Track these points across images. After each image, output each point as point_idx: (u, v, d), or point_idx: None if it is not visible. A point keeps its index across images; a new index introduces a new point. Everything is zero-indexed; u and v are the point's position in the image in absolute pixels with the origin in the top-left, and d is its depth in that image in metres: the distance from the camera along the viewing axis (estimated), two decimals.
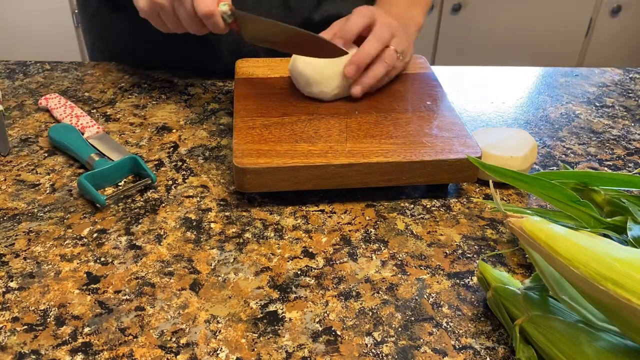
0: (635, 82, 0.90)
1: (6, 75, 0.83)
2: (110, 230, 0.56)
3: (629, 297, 0.34)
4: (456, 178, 0.59)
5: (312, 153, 0.58)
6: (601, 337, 0.40)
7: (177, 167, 0.65)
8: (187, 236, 0.55)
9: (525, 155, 0.62)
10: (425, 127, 0.63)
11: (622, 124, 0.78)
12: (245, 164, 0.56)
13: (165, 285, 0.50)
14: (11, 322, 0.46)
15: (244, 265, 0.52)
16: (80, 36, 1.96)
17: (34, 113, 0.74)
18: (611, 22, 2.02)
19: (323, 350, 0.45)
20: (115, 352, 0.44)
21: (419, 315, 0.48)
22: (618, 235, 0.49)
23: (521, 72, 0.92)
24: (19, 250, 0.53)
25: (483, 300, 0.50)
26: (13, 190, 0.61)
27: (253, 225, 0.57)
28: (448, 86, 0.85)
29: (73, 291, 0.49)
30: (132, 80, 0.83)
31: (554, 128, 0.76)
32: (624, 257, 0.36)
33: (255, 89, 0.69)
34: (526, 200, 0.62)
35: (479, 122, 0.76)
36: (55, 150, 0.67)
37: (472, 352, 0.45)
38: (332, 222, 0.58)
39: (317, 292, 0.50)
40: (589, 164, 0.69)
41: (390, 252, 0.54)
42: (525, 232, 0.41)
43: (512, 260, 0.54)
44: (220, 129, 0.72)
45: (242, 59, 0.76)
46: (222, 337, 0.45)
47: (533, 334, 0.42)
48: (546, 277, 0.43)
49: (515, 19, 2.00)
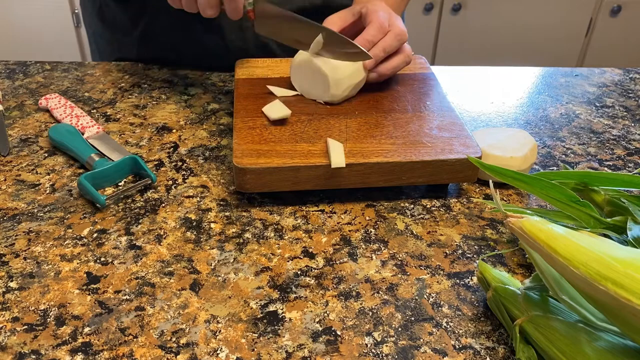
0: (635, 82, 0.90)
1: (6, 75, 0.83)
2: (110, 230, 0.56)
3: (629, 297, 0.34)
4: (456, 178, 0.59)
5: (312, 153, 0.58)
6: (601, 337, 0.40)
7: (177, 167, 0.65)
8: (187, 236, 0.55)
9: (525, 155, 0.62)
10: (425, 127, 0.63)
11: (622, 124, 0.78)
12: (245, 164, 0.56)
13: (165, 285, 0.50)
14: (11, 322, 0.46)
15: (244, 265, 0.52)
16: (80, 36, 1.96)
17: (34, 113, 0.74)
18: (611, 22, 2.02)
19: (323, 350, 0.45)
20: (115, 352, 0.44)
21: (419, 315, 0.48)
22: (618, 235, 0.49)
23: (521, 72, 0.92)
24: (19, 250, 0.53)
25: (483, 300, 0.50)
26: (13, 190, 0.61)
27: (253, 225, 0.57)
28: (448, 86, 0.85)
29: (73, 291, 0.49)
30: (132, 80, 0.83)
31: (554, 128, 0.76)
32: (624, 257, 0.36)
33: (255, 89, 0.69)
34: (526, 200, 0.62)
35: (479, 122, 0.76)
36: (55, 150, 0.67)
37: (472, 352, 0.45)
38: (332, 222, 0.58)
39: (317, 292, 0.50)
40: (589, 164, 0.69)
41: (390, 252, 0.54)
42: (525, 232, 0.41)
43: (512, 260, 0.54)
44: (220, 129, 0.72)
45: (242, 59, 0.76)
46: (222, 337, 0.45)
47: (533, 334, 0.42)
48: (546, 277, 0.43)
49: (515, 19, 2.00)
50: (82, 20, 0.97)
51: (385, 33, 0.67)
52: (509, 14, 1.99)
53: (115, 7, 0.86)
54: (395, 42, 0.67)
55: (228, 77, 0.84)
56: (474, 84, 0.87)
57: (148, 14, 0.83)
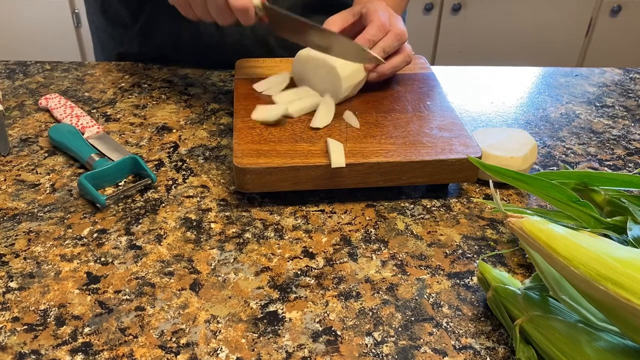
0: (635, 82, 0.90)
1: (6, 75, 0.83)
2: (110, 230, 0.56)
3: (629, 297, 0.34)
4: (456, 178, 0.59)
5: (312, 153, 0.58)
6: (601, 337, 0.40)
7: (177, 167, 0.65)
8: (187, 236, 0.55)
9: (525, 155, 0.62)
10: (425, 127, 0.63)
11: (622, 124, 0.78)
12: (245, 164, 0.56)
13: (165, 285, 0.50)
14: (11, 322, 0.46)
15: (244, 265, 0.52)
16: (80, 36, 1.96)
17: (34, 113, 0.74)
18: (611, 22, 2.02)
19: (323, 350, 0.45)
20: (115, 352, 0.44)
21: (419, 315, 0.48)
22: (618, 235, 0.49)
23: (521, 72, 0.92)
24: (19, 250, 0.53)
25: (483, 300, 0.50)
26: (13, 190, 0.61)
27: (253, 225, 0.57)
28: (448, 86, 0.85)
29: (73, 291, 0.49)
30: (132, 80, 0.83)
31: (554, 128, 0.76)
32: (624, 257, 0.36)
33: (255, 89, 0.69)
34: (526, 200, 0.62)
35: (479, 122, 0.76)
36: (55, 150, 0.67)
37: (472, 352, 0.45)
38: (332, 222, 0.58)
39: (317, 292, 0.50)
40: (589, 164, 0.69)
41: (390, 252, 0.54)
42: (525, 232, 0.41)
43: (512, 260, 0.54)
44: (220, 129, 0.72)
45: (242, 59, 0.76)
46: (222, 337, 0.45)
47: (533, 334, 0.42)
48: (546, 277, 0.43)
49: (515, 19, 2.00)
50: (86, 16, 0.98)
51: (385, 33, 0.67)
52: (509, 14, 1.99)
53: (116, 2, 0.87)
54: (395, 42, 0.67)
55: (228, 77, 0.84)
56: (474, 84, 0.87)
57: (148, 9, 0.84)
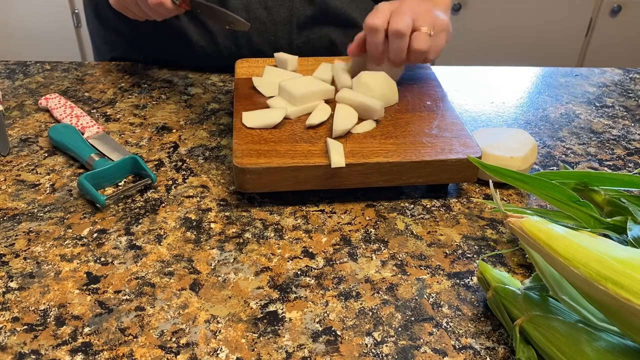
0: (635, 82, 0.90)
1: (6, 75, 0.83)
2: (110, 230, 0.56)
3: (629, 297, 0.34)
4: (456, 178, 0.59)
5: (312, 153, 0.58)
6: (601, 337, 0.40)
7: (177, 167, 0.65)
8: (187, 236, 0.55)
9: (525, 155, 0.62)
10: (425, 127, 0.63)
11: (622, 124, 0.78)
12: (245, 164, 0.56)
13: (165, 285, 0.50)
14: (11, 322, 0.46)
15: (244, 265, 0.52)
16: (80, 36, 1.96)
17: (34, 113, 0.74)
18: (611, 22, 2.02)
19: (323, 350, 0.45)
20: (115, 352, 0.44)
21: (419, 315, 0.48)
22: (618, 235, 0.49)
23: (521, 72, 0.92)
24: (19, 250, 0.53)
25: (483, 300, 0.50)
26: (13, 190, 0.61)
27: (253, 225, 0.57)
28: (448, 86, 0.85)
29: (73, 291, 0.49)
30: (132, 80, 0.83)
31: (554, 128, 0.76)
32: (624, 257, 0.36)
33: (255, 89, 0.69)
34: (526, 200, 0.62)
35: (479, 122, 0.76)
36: (55, 150, 0.67)
37: (472, 352, 0.45)
38: (332, 222, 0.58)
39: (317, 292, 0.50)
40: (589, 164, 0.69)
41: (390, 252, 0.54)
42: (525, 232, 0.41)
43: (512, 260, 0.54)
44: (220, 129, 0.72)
45: (242, 59, 0.76)
46: (222, 337, 0.45)
47: (533, 334, 0.42)
48: (546, 277, 0.43)
49: (515, 19, 2.00)
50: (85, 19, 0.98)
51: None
52: (509, 14, 1.99)
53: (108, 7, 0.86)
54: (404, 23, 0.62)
55: (228, 77, 0.84)
56: (474, 84, 0.87)
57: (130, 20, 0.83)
